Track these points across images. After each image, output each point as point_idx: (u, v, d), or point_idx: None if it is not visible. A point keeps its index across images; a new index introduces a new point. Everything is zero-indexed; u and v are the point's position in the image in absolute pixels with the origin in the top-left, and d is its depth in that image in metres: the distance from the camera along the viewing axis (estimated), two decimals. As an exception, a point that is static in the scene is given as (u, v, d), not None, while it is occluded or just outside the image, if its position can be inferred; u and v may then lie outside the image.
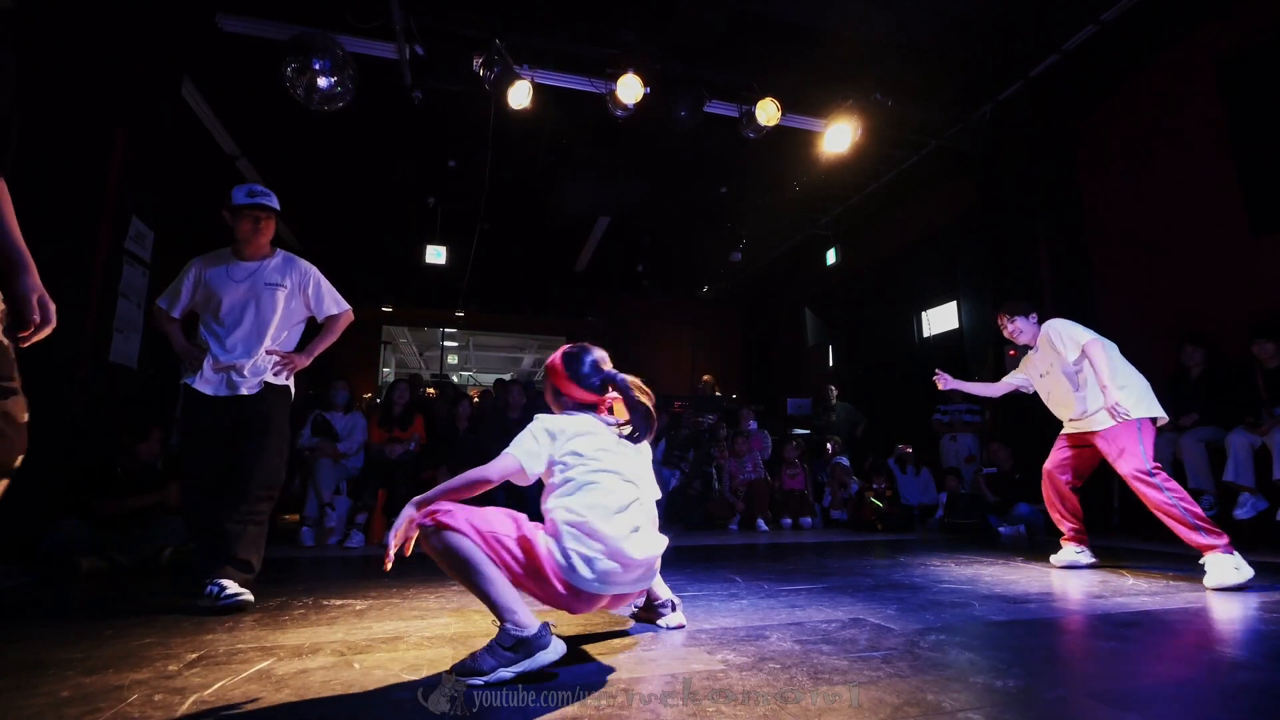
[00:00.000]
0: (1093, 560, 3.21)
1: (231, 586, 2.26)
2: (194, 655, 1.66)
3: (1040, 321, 3.32)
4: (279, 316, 2.59)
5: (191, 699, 1.34)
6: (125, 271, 3.80)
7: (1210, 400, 4.12)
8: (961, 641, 1.79)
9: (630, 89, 4.82)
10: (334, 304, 2.72)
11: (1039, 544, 4.39)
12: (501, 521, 1.59)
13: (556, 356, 1.91)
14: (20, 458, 1.20)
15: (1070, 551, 3.25)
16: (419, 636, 1.87)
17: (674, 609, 1.98)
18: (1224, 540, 2.60)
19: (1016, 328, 3.35)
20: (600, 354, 1.91)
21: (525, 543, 1.58)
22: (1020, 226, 5.68)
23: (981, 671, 1.50)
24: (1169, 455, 4.24)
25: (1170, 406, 4.32)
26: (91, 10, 3.70)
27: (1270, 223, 4.21)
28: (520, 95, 4.72)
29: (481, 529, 1.52)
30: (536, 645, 1.45)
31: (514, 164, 6.39)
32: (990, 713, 1.24)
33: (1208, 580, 2.55)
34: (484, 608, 1.70)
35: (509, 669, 1.42)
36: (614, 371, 1.87)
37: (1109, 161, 5.39)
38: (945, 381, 3.46)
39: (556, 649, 1.47)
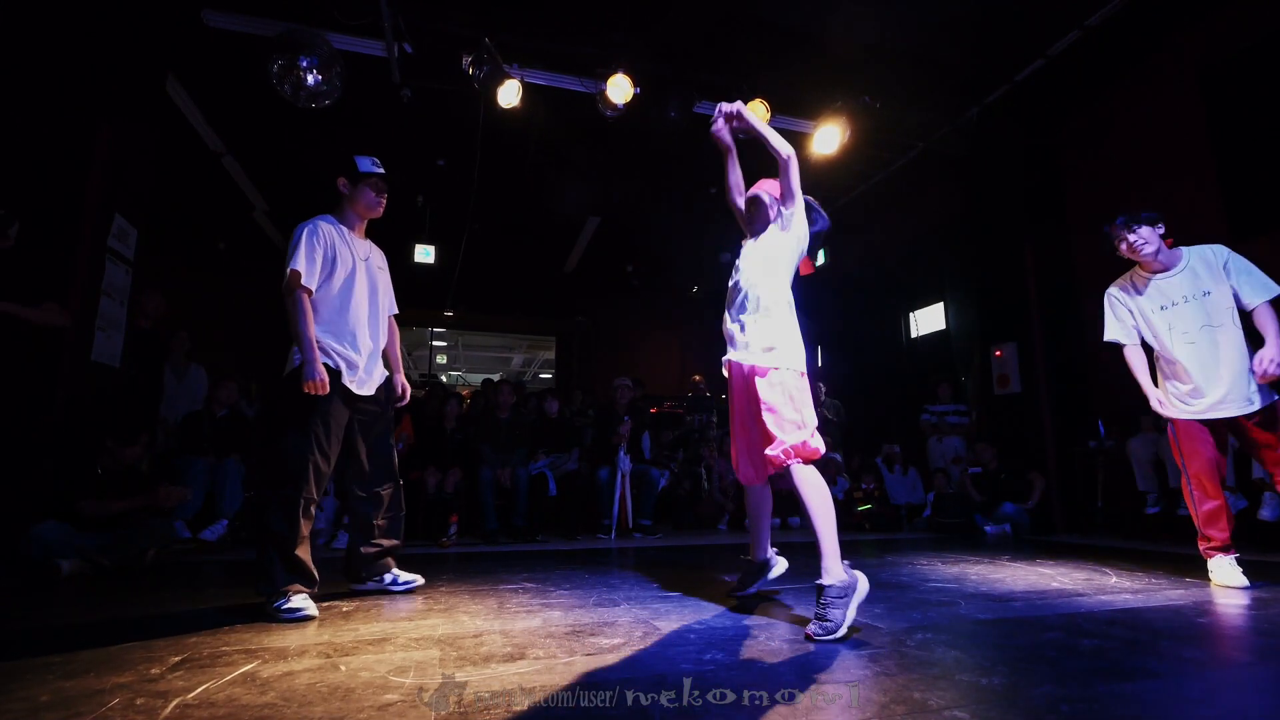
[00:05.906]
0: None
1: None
2: (177, 658, 1.64)
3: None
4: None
5: (174, 703, 1.32)
6: (108, 269, 3.74)
7: (1191, 401, 4.17)
8: (948, 640, 1.80)
9: (620, 89, 4.82)
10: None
11: (1024, 543, 4.44)
12: None
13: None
14: None
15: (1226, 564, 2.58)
16: (406, 638, 1.85)
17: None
18: None
19: (1140, 237, 2.74)
20: None
21: None
22: (1006, 228, 5.73)
23: (967, 669, 1.51)
24: (1151, 455, 4.30)
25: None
26: (75, 5, 3.65)
27: (1250, 227, 4.28)
28: (509, 94, 4.71)
29: None
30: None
31: (503, 163, 6.36)
32: (976, 710, 1.25)
33: None
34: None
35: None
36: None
37: (1093, 164, 5.46)
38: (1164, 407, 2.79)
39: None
